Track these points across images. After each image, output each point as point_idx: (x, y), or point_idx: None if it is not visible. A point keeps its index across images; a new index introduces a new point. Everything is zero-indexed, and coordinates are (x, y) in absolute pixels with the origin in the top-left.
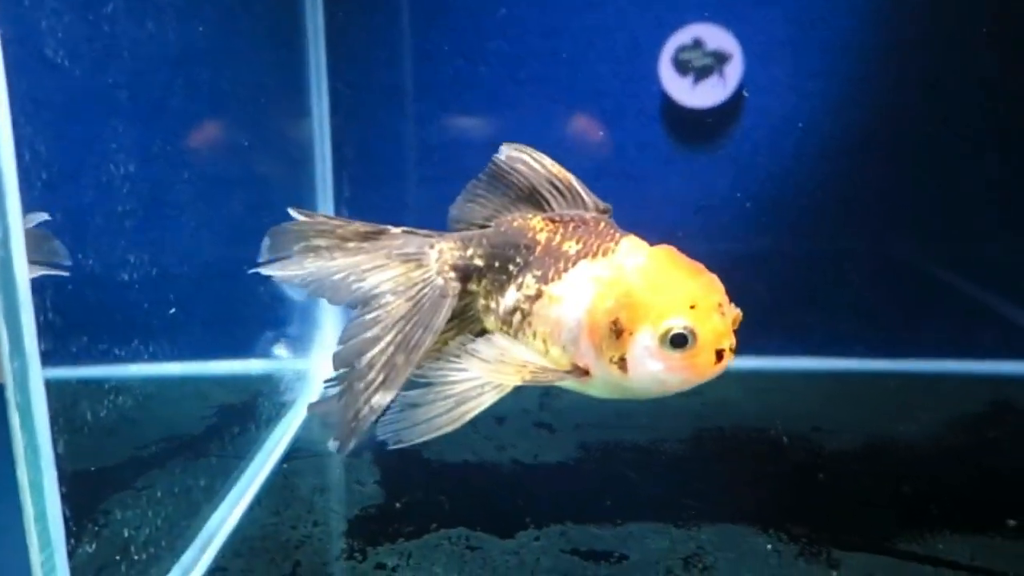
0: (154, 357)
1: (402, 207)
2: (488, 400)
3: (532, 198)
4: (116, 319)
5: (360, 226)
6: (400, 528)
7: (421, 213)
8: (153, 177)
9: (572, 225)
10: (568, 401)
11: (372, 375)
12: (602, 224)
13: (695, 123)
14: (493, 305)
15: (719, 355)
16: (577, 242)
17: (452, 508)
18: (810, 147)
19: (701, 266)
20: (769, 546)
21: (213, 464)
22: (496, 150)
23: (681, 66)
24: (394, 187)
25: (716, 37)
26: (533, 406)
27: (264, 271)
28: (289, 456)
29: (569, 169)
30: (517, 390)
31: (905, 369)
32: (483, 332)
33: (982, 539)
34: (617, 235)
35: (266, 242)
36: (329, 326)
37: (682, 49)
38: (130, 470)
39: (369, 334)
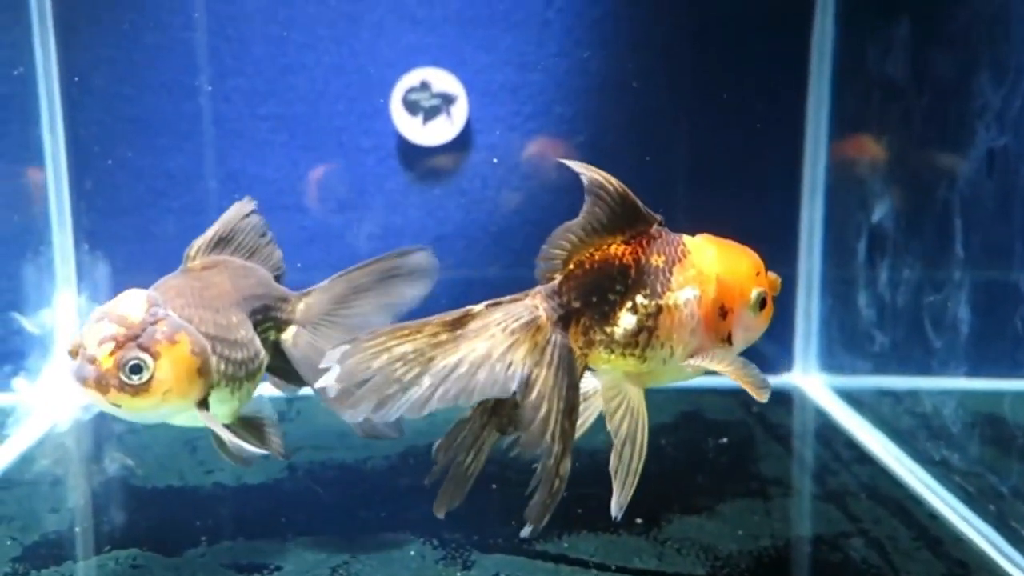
0: None
1: (146, 236)
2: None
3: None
4: None
5: (440, 317)
6: (71, 552)
7: (165, 242)
8: None
9: (645, 241)
10: (299, 424)
11: (556, 447)
12: (663, 233)
13: (427, 159)
14: (600, 337)
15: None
16: (658, 255)
17: (132, 531)
18: (532, 181)
19: (734, 241)
20: (413, 552)
21: None
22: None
23: (411, 106)
24: (136, 217)
25: (442, 80)
26: None
27: (366, 412)
28: None
29: None
30: None
31: None
32: (585, 369)
33: (611, 536)
34: (678, 238)
35: (335, 371)
36: (62, 358)
37: (411, 91)
38: None
39: (541, 413)
